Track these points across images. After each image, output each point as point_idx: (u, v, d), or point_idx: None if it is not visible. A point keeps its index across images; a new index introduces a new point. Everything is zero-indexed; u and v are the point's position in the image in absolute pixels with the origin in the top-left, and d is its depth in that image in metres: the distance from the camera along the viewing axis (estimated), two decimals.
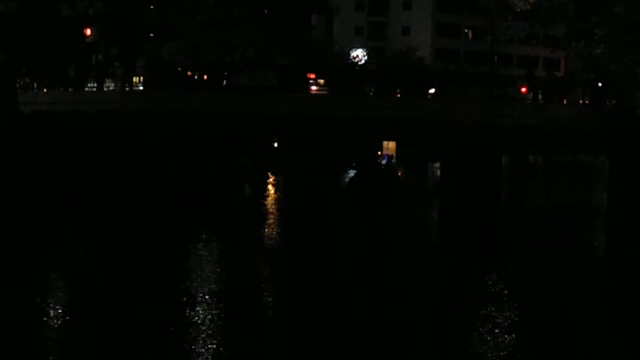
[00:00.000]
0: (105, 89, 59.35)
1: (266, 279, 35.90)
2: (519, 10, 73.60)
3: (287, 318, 29.52)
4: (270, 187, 70.43)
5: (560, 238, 49.99)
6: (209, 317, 28.59)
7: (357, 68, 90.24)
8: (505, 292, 33.62)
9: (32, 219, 46.15)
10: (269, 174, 75.52)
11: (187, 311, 28.92)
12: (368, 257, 39.58)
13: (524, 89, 56.55)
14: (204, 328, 27.25)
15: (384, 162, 65.60)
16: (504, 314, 29.95)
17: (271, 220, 51.02)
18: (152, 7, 74.97)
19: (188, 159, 62.10)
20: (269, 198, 63.34)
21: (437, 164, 76.78)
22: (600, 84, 52.11)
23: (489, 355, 25.56)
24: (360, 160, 68.98)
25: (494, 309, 30.28)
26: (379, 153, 67.81)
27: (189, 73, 63.05)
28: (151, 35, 75.37)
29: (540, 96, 50.89)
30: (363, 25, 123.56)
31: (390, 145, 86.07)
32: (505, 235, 49.00)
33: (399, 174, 65.49)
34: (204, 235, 44.46)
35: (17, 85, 61.04)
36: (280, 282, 35.15)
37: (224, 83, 59.21)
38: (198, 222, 48.64)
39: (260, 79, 56.10)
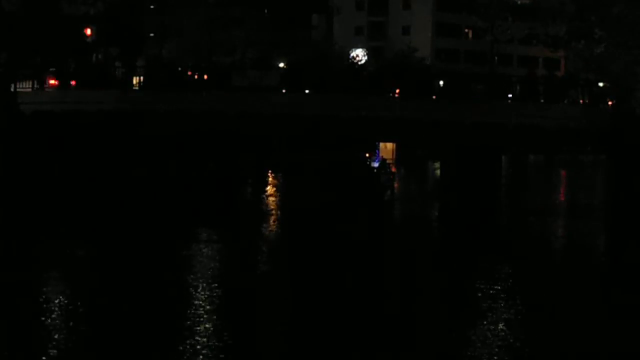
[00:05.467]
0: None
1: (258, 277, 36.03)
2: (518, 2, 73.60)
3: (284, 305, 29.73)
4: (269, 187, 70.53)
5: (558, 239, 50.08)
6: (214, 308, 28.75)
7: (357, 68, 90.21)
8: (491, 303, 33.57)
9: (32, 219, 46.21)
10: (269, 173, 75.64)
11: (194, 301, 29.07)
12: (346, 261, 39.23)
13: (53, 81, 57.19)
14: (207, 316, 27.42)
15: (375, 164, 65.33)
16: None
17: (262, 221, 51.05)
18: (152, 7, 75.03)
19: (188, 159, 62.14)
20: (268, 198, 63.43)
21: (437, 164, 76.87)
22: (600, 84, 52.19)
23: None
24: (349, 162, 68.75)
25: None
26: (367, 155, 67.53)
27: (189, 73, 63.05)
28: (151, 35, 75.44)
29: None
30: (363, 25, 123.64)
31: (388, 147, 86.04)
32: (503, 237, 49.05)
33: (392, 176, 65.27)
34: (205, 233, 44.58)
35: (17, 85, 61.04)
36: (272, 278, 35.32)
37: (224, 83, 59.21)
38: (199, 220, 48.72)
39: (260, 79, 56.13)
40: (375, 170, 64.42)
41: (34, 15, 61.70)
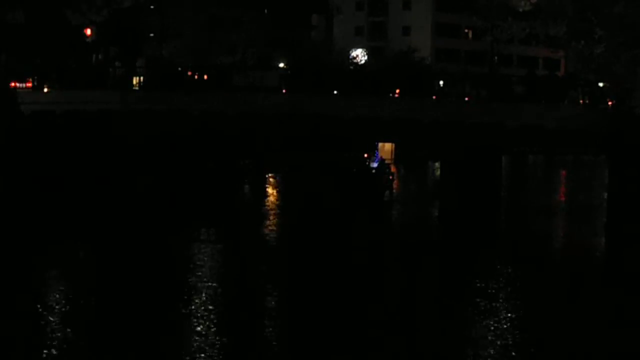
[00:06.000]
0: None
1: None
2: (520, 11, 73.56)
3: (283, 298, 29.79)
4: (269, 187, 70.53)
5: (558, 239, 50.08)
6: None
7: (358, 68, 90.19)
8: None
9: (33, 220, 46.23)
10: (269, 173, 75.61)
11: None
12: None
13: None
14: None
15: (374, 165, 65.21)
16: None
17: (260, 222, 51.09)
18: (152, 7, 74.95)
19: (188, 159, 62.12)
20: (267, 198, 63.46)
21: (437, 164, 76.84)
22: (600, 84, 52.10)
23: None
24: (348, 163, 68.69)
25: None
26: (365, 155, 67.51)
27: (189, 73, 62.98)
28: (151, 35, 75.37)
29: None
30: (363, 25, 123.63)
31: (386, 147, 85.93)
32: (503, 237, 49.03)
33: (391, 177, 65.17)
34: (204, 233, 44.62)
35: (17, 84, 60.98)
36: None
37: (224, 83, 59.13)
38: (198, 220, 48.77)
39: (260, 79, 56.08)
40: (373, 171, 64.32)
41: (40, 28, 61.81)
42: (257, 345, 26.24)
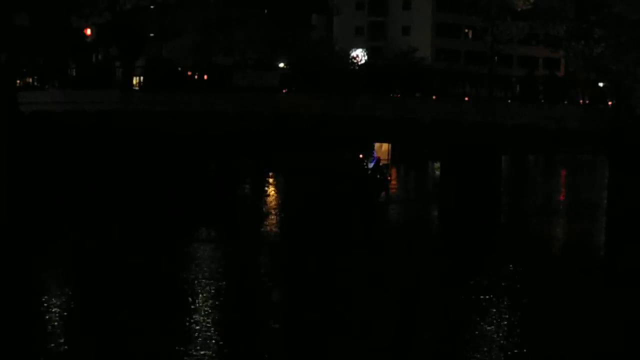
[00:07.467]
0: None
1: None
2: (519, 10, 73.59)
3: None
4: (267, 187, 70.60)
5: (558, 238, 50.13)
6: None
7: (359, 68, 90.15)
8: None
9: (35, 218, 46.28)
10: (268, 174, 75.66)
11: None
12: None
13: None
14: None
15: (371, 165, 65.20)
16: None
17: (257, 221, 51.23)
18: (152, 7, 74.87)
19: (188, 159, 62.15)
20: (265, 198, 63.55)
21: (437, 164, 76.86)
22: (600, 84, 52.14)
23: None
24: (346, 163, 68.78)
25: None
26: (361, 156, 67.47)
27: (189, 73, 62.98)
28: (151, 35, 75.30)
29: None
30: (363, 25, 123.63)
31: (383, 147, 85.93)
32: (501, 238, 49.07)
33: (389, 177, 65.21)
34: (204, 232, 44.73)
35: (18, 85, 61.00)
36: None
37: (224, 83, 59.12)
38: (199, 220, 48.85)
39: (260, 79, 56.09)
40: (370, 172, 64.32)
41: (43, 30, 61.91)
42: (256, 343, 26.30)
